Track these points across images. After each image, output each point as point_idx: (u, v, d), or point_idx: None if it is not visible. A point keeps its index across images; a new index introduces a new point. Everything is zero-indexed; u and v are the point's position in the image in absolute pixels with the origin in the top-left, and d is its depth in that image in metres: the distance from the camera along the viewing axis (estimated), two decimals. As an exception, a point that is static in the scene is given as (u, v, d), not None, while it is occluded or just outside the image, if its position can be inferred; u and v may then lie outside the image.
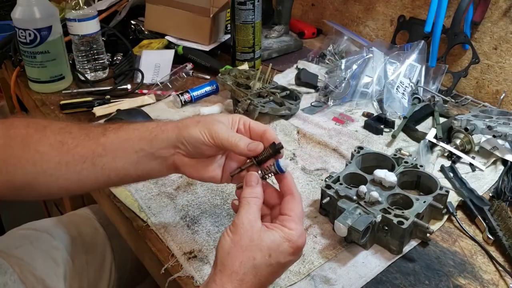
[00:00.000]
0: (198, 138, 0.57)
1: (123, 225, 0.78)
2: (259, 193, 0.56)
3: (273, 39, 1.36)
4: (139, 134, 0.60)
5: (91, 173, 0.59)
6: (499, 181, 0.81)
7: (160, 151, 0.59)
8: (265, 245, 0.51)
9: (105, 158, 0.59)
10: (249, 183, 0.56)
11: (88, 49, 1.13)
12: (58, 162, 0.58)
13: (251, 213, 0.53)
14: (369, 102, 1.07)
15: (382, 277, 0.64)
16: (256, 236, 0.51)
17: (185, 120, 0.60)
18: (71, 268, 0.88)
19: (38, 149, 0.58)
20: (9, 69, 1.23)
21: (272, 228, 0.53)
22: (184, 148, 0.59)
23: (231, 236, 0.52)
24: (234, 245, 0.51)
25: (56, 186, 0.59)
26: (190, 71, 1.16)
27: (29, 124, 0.61)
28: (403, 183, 0.76)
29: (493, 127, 0.84)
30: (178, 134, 0.59)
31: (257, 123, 0.61)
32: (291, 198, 0.56)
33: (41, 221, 0.96)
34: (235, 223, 0.53)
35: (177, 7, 1.25)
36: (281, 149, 0.57)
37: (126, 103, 1.04)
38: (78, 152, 0.59)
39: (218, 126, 0.58)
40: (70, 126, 0.62)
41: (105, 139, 0.60)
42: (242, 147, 0.57)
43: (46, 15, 1.03)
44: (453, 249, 0.69)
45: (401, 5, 1.23)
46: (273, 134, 0.59)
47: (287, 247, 0.52)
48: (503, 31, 1.03)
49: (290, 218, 0.54)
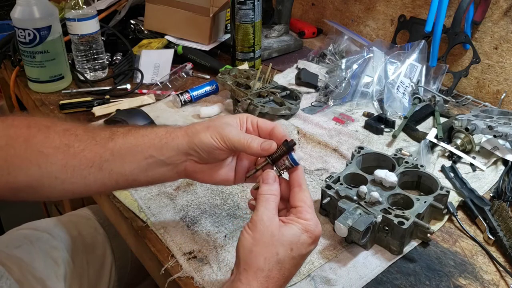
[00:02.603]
0: (210, 143, 0.57)
1: (122, 226, 0.78)
2: (277, 190, 0.56)
3: (273, 38, 1.36)
4: (149, 140, 0.59)
5: (98, 178, 0.58)
6: (499, 181, 0.81)
7: (171, 158, 0.59)
8: (286, 240, 0.52)
9: (113, 163, 0.58)
10: (266, 181, 0.56)
11: (88, 49, 1.13)
12: (64, 165, 0.57)
13: (270, 210, 0.53)
14: (370, 102, 1.07)
15: (383, 278, 0.64)
16: (276, 231, 0.52)
17: (194, 126, 0.60)
18: (71, 269, 0.88)
19: (42, 151, 0.57)
20: (9, 68, 1.23)
21: (289, 222, 0.53)
22: (197, 155, 0.59)
23: (251, 234, 0.52)
24: (256, 243, 0.51)
25: (60, 189, 0.59)
26: (189, 71, 1.16)
27: (31, 123, 0.60)
28: (403, 183, 0.76)
29: (494, 127, 0.84)
30: (189, 142, 0.58)
31: (264, 120, 0.61)
32: (299, 190, 0.56)
33: (41, 221, 0.96)
34: (253, 220, 0.53)
35: (176, 6, 1.25)
36: (294, 145, 0.58)
37: (125, 103, 1.04)
38: (85, 156, 0.58)
39: (228, 129, 0.58)
40: (74, 128, 0.61)
41: (113, 144, 0.59)
42: (256, 148, 0.57)
43: (45, 15, 1.03)
44: (453, 250, 0.69)
45: (402, 4, 1.23)
46: (282, 131, 0.59)
47: (307, 238, 0.53)
48: (504, 31, 1.03)
49: (303, 208, 0.54)
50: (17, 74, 1.17)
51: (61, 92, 1.11)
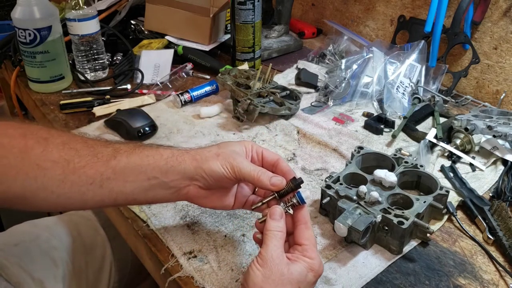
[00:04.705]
0: (220, 172, 0.58)
1: (123, 226, 0.78)
2: (283, 227, 0.57)
3: (273, 39, 1.36)
4: (154, 161, 0.59)
5: (97, 195, 0.58)
6: (499, 181, 0.81)
7: (175, 182, 0.59)
8: (295, 278, 0.53)
9: (114, 181, 0.58)
10: (274, 217, 0.57)
11: (88, 49, 1.13)
12: (62, 180, 0.56)
13: (279, 247, 0.54)
14: (369, 102, 1.07)
15: (382, 277, 0.64)
16: (285, 270, 0.53)
17: (203, 153, 0.60)
18: (70, 270, 0.87)
19: (40, 164, 0.56)
20: (9, 69, 1.23)
21: (296, 260, 0.55)
22: (203, 181, 0.59)
23: (262, 271, 0.53)
24: (266, 280, 0.52)
25: (55, 202, 0.58)
26: (190, 71, 1.16)
27: (26, 133, 0.58)
28: (403, 183, 0.76)
29: (493, 127, 0.84)
30: (197, 167, 0.59)
31: (268, 151, 0.63)
32: (305, 228, 0.57)
33: (42, 220, 0.96)
34: (263, 256, 0.53)
35: (177, 7, 1.25)
36: (302, 183, 0.59)
37: (126, 103, 1.04)
38: (85, 172, 0.57)
39: (239, 160, 0.59)
40: (73, 141, 0.59)
41: (116, 162, 0.58)
42: (266, 182, 0.58)
43: (46, 15, 1.03)
44: (453, 249, 0.69)
45: (401, 5, 1.23)
46: (286, 165, 0.61)
47: (312, 277, 0.55)
48: (503, 31, 1.03)
49: (308, 247, 0.56)
50: (18, 74, 1.17)
51: (61, 92, 1.11)
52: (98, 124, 0.98)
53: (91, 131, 0.95)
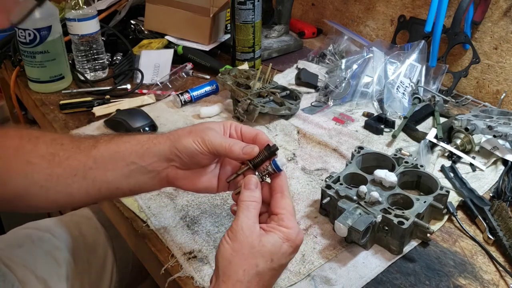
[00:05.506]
0: (192, 147, 0.57)
1: (123, 226, 0.78)
2: (258, 196, 0.55)
3: (273, 39, 1.36)
4: (130, 147, 0.59)
5: (82, 186, 0.58)
6: (499, 181, 0.81)
7: (153, 164, 0.59)
8: (267, 250, 0.51)
9: (96, 171, 0.58)
10: (248, 186, 0.55)
11: (88, 49, 1.13)
12: (49, 174, 0.58)
13: (250, 218, 0.52)
14: (370, 102, 1.07)
15: (383, 277, 0.64)
16: (256, 242, 0.51)
17: (176, 132, 0.60)
18: (73, 269, 0.88)
19: (30, 161, 0.58)
20: (9, 69, 1.23)
21: (270, 230, 0.52)
22: (178, 160, 0.58)
23: (231, 244, 0.51)
24: (235, 254, 0.50)
25: (45, 198, 0.59)
26: (190, 71, 1.16)
27: (23, 135, 0.60)
28: (403, 183, 0.76)
29: (494, 127, 0.84)
30: (171, 146, 0.58)
31: (248, 127, 0.61)
32: (281, 196, 0.55)
33: (43, 221, 0.96)
34: (233, 229, 0.52)
35: (177, 7, 1.25)
36: (277, 150, 0.57)
37: (125, 103, 1.04)
38: (69, 164, 0.58)
39: (210, 133, 0.57)
40: (62, 137, 0.61)
41: (96, 151, 0.59)
42: (237, 151, 0.56)
43: (45, 15, 1.03)
44: (453, 249, 0.69)
45: (402, 5, 1.23)
46: (265, 137, 0.59)
47: (288, 247, 0.52)
48: (504, 31, 1.03)
49: (284, 216, 0.53)
50: (18, 74, 1.17)
51: (61, 92, 1.11)
52: (98, 124, 0.98)
53: (91, 131, 0.95)
